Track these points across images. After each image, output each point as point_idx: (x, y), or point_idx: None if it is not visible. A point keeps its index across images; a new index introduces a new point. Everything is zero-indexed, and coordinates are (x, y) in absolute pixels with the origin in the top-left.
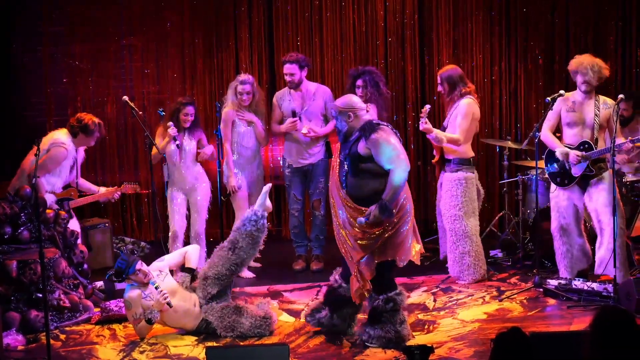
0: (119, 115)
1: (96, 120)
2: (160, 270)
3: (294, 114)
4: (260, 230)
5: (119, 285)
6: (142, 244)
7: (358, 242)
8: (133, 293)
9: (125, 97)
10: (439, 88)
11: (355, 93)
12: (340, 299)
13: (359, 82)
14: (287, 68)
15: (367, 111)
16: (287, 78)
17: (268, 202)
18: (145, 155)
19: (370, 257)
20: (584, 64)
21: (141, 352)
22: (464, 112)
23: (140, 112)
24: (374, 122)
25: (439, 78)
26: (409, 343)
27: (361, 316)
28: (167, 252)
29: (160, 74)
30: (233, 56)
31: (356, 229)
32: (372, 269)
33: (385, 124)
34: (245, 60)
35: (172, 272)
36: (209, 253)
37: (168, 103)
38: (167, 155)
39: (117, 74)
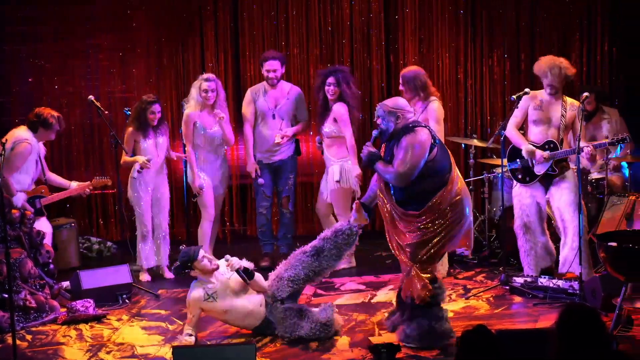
0: (84, 114)
1: (55, 113)
2: (227, 268)
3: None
4: (349, 245)
5: (89, 284)
6: (109, 244)
7: (407, 248)
8: (195, 293)
9: (91, 97)
10: (401, 87)
11: (324, 91)
12: None
13: (331, 80)
14: (271, 64)
15: (414, 114)
16: (270, 75)
17: (365, 215)
18: (112, 155)
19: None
20: (543, 67)
21: (108, 352)
22: (436, 117)
23: (106, 112)
24: (410, 124)
25: (401, 78)
26: (374, 341)
27: None
28: (134, 252)
29: (125, 73)
30: (199, 55)
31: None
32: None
33: (423, 125)
34: (210, 59)
35: None
36: (172, 250)
37: (134, 102)
38: (144, 154)
39: (83, 74)
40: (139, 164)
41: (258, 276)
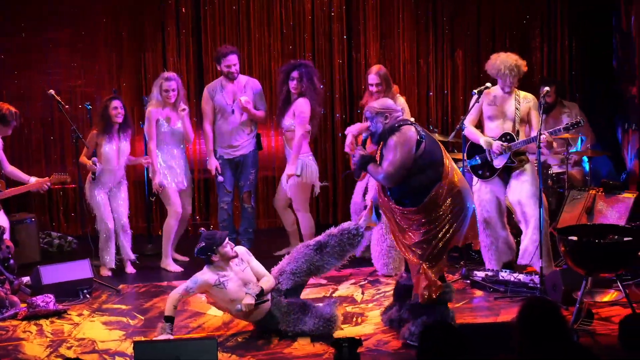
0: (45, 109)
1: (12, 109)
2: (241, 259)
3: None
4: (353, 246)
5: (49, 279)
6: (69, 238)
7: (413, 247)
8: (207, 277)
9: (51, 91)
10: (379, 88)
11: (287, 85)
12: (408, 289)
13: (295, 74)
14: (231, 59)
15: (402, 113)
16: (232, 69)
17: (373, 217)
18: (72, 150)
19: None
20: (502, 69)
21: (68, 348)
22: (407, 112)
23: (67, 106)
24: (397, 123)
25: (377, 77)
26: (336, 335)
27: None
28: (95, 248)
29: (86, 67)
30: (160, 50)
31: (408, 235)
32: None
33: (409, 122)
34: (172, 54)
35: None
36: (136, 247)
37: (95, 97)
38: (104, 158)
39: (43, 68)
40: (98, 167)
41: (267, 284)
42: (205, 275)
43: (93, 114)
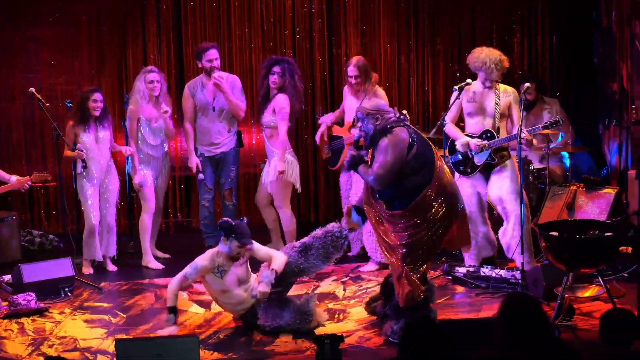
0: (26, 107)
1: None
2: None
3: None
4: (337, 249)
5: (31, 277)
6: (51, 236)
7: (397, 250)
8: (207, 262)
9: (32, 89)
10: (358, 80)
11: (268, 80)
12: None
13: (276, 69)
14: (212, 54)
15: (396, 115)
16: (213, 64)
17: (356, 218)
18: (53, 148)
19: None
20: (487, 63)
21: (50, 346)
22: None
23: (48, 104)
24: (389, 125)
25: (355, 69)
26: (318, 332)
27: None
28: (77, 246)
29: (67, 65)
30: (141, 46)
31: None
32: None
33: (402, 124)
34: (153, 51)
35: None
36: (119, 244)
37: (76, 95)
38: (84, 148)
39: (23, 66)
40: (80, 160)
41: (279, 264)
42: (206, 260)
43: (75, 103)
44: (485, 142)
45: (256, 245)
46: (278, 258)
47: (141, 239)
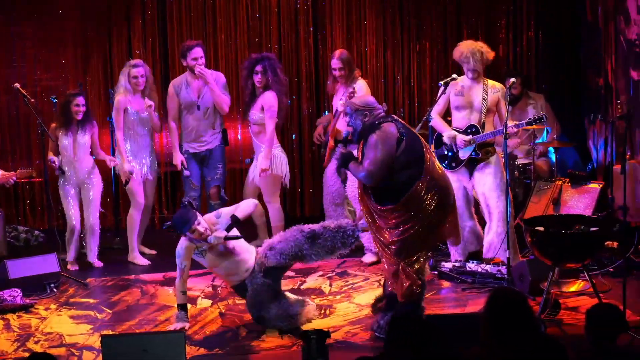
0: (10, 103)
1: None
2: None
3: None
4: (345, 245)
5: (16, 273)
6: (36, 232)
7: (392, 246)
8: (187, 243)
9: (17, 85)
10: (342, 72)
11: (252, 80)
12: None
13: (258, 68)
14: (197, 52)
15: (384, 110)
16: (198, 62)
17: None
18: (38, 143)
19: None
20: (464, 52)
21: (36, 342)
22: (366, 93)
23: (33, 100)
24: (377, 120)
25: (339, 62)
26: (304, 328)
27: None
28: (62, 242)
29: (52, 60)
30: (126, 42)
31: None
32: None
33: (390, 119)
34: (138, 47)
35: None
36: (101, 244)
37: (61, 90)
38: (60, 150)
39: (8, 62)
40: (57, 163)
41: (242, 211)
42: (183, 243)
43: (58, 107)
44: (470, 137)
45: (207, 217)
46: (241, 205)
47: (128, 235)
